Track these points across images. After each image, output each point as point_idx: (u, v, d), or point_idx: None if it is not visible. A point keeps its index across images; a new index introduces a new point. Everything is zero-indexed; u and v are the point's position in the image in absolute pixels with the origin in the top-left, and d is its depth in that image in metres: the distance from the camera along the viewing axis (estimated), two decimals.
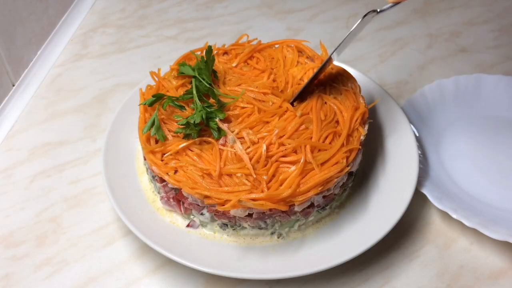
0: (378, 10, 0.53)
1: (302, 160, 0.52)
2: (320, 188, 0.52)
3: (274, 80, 0.62)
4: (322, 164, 0.54)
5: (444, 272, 0.57)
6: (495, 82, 0.75)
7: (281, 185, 0.52)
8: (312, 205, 0.55)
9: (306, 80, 0.62)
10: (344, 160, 0.54)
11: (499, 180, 0.65)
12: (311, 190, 0.52)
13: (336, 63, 0.68)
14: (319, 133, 0.56)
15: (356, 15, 0.97)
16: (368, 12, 0.52)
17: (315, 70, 0.62)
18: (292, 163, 0.53)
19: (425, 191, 0.60)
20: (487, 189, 0.64)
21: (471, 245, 0.59)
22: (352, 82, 0.63)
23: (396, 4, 0.52)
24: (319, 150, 0.55)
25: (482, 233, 0.57)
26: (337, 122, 0.58)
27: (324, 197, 0.55)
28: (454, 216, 0.58)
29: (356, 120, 0.58)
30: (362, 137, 0.58)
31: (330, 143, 0.56)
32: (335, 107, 0.59)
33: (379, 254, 0.58)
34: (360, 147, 0.57)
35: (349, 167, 0.55)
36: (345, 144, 0.56)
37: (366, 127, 0.59)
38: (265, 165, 0.53)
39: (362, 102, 0.61)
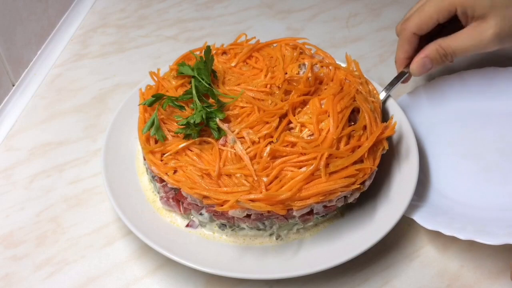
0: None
1: (312, 167, 0.51)
2: (321, 198, 0.51)
3: (272, 78, 0.62)
4: (332, 173, 0.52)
5: (444, 272, 0.57)
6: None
7: (282, 187, 0.51)
8: (311, 212, 0.54)
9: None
10: (356, 177, 0.52)
11: (484, 178, 0.62)
12: (312, 198, 0.51)
13: (339, 62, 0.68)
14: (336, 128, 0.54)
15: (356, 15, 0.97)
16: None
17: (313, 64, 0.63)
18: (300, 165, 0.52)
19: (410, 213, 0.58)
20: (474, 191, 0.61)
21: (471, 245, 0.59)
22: (377, 98, 0.63)
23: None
24: (336, 157, 0.53)
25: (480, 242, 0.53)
26: (365, 128, 0.57)
27: (325, 207, 0.54)
28: (447, 233, 0.55)
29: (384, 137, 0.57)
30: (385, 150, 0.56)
31: (352, 151, 0.54)
32: (363, 108, 0.57)
33: (379, 254, 0.58)
34: (376, 167, 0.56)
35: (359, 186, 0.53)
36: (366, 155, 0.54)
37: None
38: (267, 168, 0.52)
39: (392, 121, 0.59)
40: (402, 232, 0.60)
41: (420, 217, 0.58)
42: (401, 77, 0.68)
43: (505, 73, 0.70)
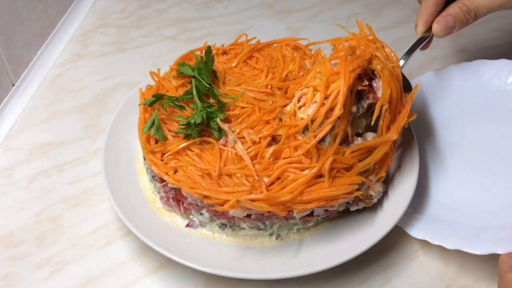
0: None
1: (314, 170, 0.50)
2: (322, 203, 0.51)
3: (273, 78, 0.62)
4: (336, 177, 0.51)
5: (444, 272, 0.57)
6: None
7: (283, 188, 0.51)
8: (312, 214, 0.54)
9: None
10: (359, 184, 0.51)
11: (475, 181, 0.61)
12: (313, 202, 0.50)
13: None
14: (347, 88, 0.50)
15: (356, 15, 0.97)
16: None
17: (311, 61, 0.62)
18: (303, 167, 0.51)
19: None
20: (465, 195, 0.60)
21: None
22: (396, 62, 0.58)
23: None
24: (340, 163, 0.51)
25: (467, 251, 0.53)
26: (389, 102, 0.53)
27: (326, 210, 0.54)
28: (434, 242, 0.55)
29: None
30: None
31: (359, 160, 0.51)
32: (383, 75, 0.53)
33: (379, 254, 0.58)
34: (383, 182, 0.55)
35: (363, 198, 0.53)
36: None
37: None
38: (268, 168, 0.52)
39: (416, 90, 0.57)
40: (403, 232, 0.60)
41: (409, 225, 0.57)
42: (421, 42, 0.66)
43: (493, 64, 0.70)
